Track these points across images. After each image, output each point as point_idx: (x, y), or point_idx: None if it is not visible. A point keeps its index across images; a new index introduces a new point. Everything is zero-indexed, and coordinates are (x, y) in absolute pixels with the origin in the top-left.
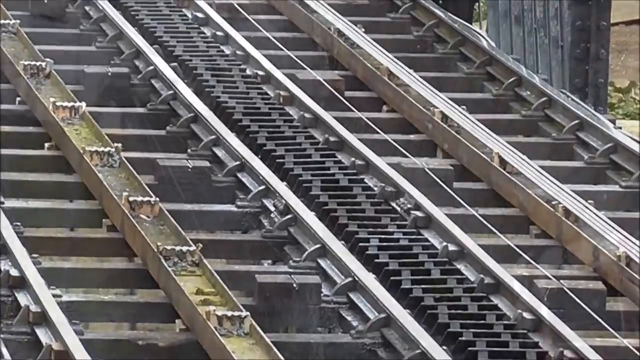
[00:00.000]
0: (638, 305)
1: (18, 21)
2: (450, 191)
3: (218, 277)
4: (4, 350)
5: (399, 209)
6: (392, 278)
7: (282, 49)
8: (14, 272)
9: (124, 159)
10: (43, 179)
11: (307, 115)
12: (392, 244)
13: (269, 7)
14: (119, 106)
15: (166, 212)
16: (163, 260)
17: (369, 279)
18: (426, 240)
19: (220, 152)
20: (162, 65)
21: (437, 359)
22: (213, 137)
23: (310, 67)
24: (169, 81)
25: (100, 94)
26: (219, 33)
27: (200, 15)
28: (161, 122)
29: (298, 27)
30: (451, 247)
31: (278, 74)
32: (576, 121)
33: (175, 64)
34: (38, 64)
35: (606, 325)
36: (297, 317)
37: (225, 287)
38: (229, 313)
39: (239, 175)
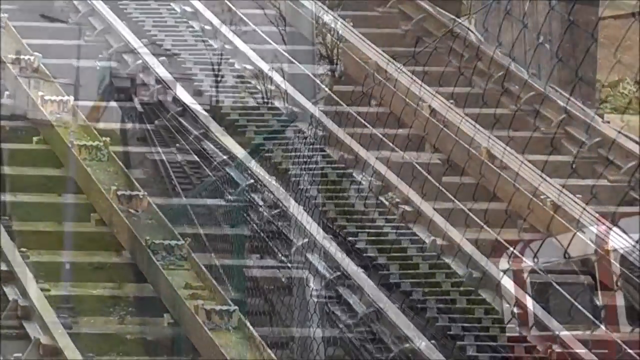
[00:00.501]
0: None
1: (6, 15)
2: (438, 185)
3: (206, 271)
4: None
5: (387, 202)
6: (380, 272)
7: (271, 43)
8: (2, 267)
9: (112, 153)
10: (31, 173)
11: (295, 109)
12: (380, 237)
13: (260, 1)
14: (108, 100)
15: (154, 206)
16: (151, 254)
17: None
18: (414, 234)
19: (208, 146)
20: (151, 59)
21: (424, 350)
22: (202, 131)
23: (299, 62)
24: (158, 76)
25: (89, 88)
26: (207, 27)
27: (188, 9)
28: (150, 116)
29: (287, 22)
30: (439, 242)
31: (268, 68)
32: (564, 115)
33: (164, 58)
34: (26, 57)
35: (594, 320)
36: (286, 310)
37: (214, 281)
38: (217, 307)
39: (227, 169)
